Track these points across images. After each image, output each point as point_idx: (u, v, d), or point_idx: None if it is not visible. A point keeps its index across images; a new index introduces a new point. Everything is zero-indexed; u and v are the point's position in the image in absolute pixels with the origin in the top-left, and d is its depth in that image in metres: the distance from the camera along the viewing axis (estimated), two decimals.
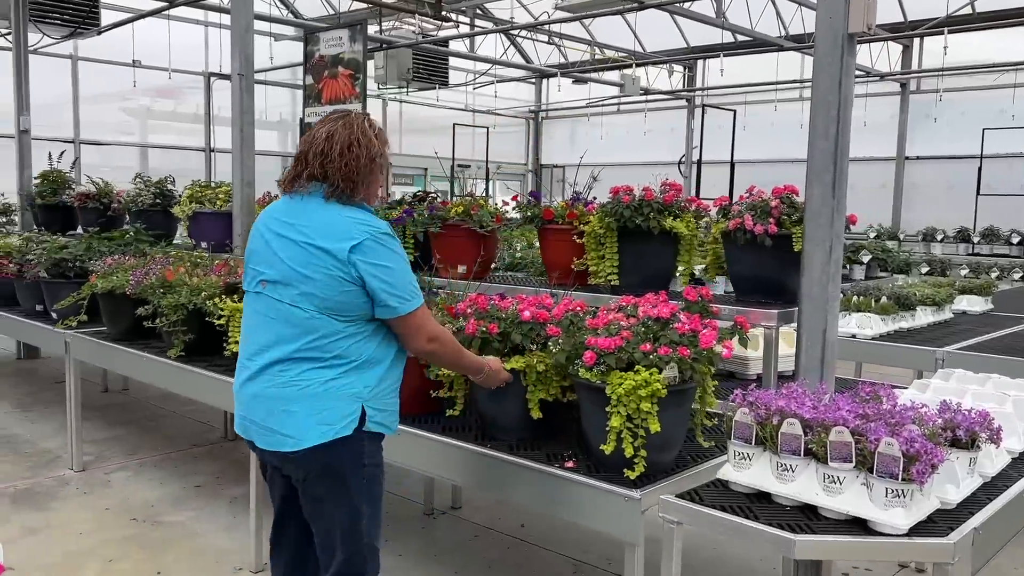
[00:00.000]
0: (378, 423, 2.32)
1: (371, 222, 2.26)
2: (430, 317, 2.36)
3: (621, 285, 3.49)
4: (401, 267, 2.27)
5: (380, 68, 12.59)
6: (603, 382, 2.41)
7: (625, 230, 3.41)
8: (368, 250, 2.21)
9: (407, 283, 2.28)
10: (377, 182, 2.37)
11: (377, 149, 2.31)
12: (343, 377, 2.25)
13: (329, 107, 5.47)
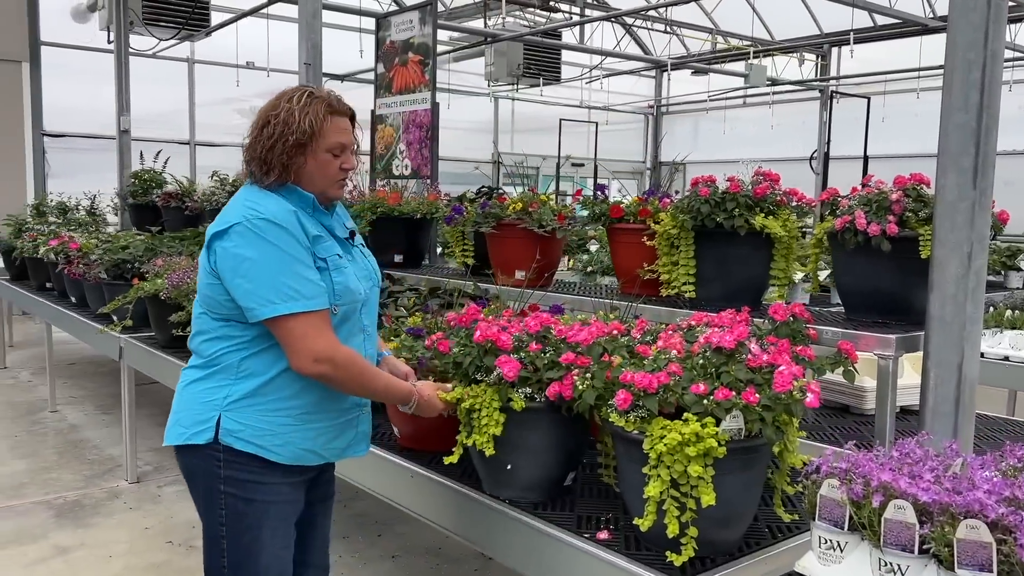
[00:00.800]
0: (245, 440, 1.90)
1: (258, 205, 1.87)
2: (320, 331, 1.85)
3: (699, 298, 2.85)
4: (269, 260, 1.83)
5: (490, 65, 12.23)
6: (640, 432, 1.81)
7: (704, 230, 2.77)
8: (233, 236, 1.85)
9: (274, 281, 1.82)
10: (317, 165, 1.93)
11: (299, 125, 1.88)
12: (205, 381, 1.94)
13: (400, 97, 5.04)
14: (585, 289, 3.45)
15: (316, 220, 1.96)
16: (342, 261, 1.96)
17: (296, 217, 1.87)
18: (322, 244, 1.93)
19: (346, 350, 1.90)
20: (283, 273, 1.83)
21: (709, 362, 1.88)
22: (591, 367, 1.96)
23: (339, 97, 1.99)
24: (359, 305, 2.01)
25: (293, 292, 1.82)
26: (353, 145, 2.00)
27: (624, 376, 1.84)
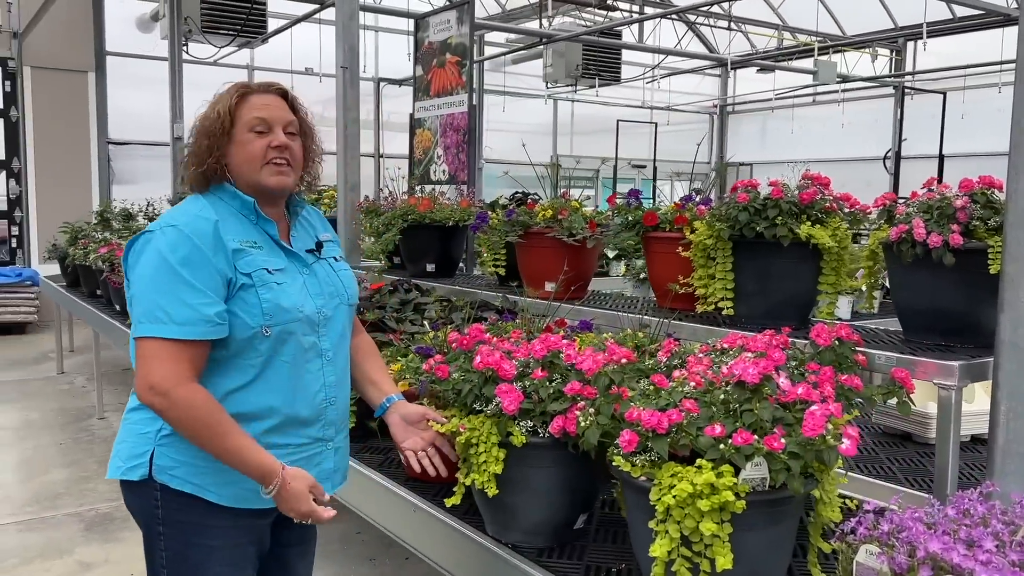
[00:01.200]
0: (180, 479, 1.70)
1: (178, 211, 1.75)
2: (171, 360, 1.62)
3: (737, 315, 2.58)
4: (154, 275, 1.65)
5: (548, 66, 12.01)
6: (648, 479, 1.57)
7: (743, 240, 2.50)
8: (139, 245, 1.72)
9: (151, 299, 1.65)
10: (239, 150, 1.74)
11: (209, 117, 1.75)
12: (141, 410, 1.75)
13: (438, 100, 4.87)
14: (620, 303, 3.20)
15: (259, 228, 1.77)
16: (274, 276, 1.74)
17: (215, 227, 1.69)
18: (247, 257, 1.71)
19: (192, 391, 1.63)
20: (162, 292, 1.64)
21: (731, 397, 1.63)
22: (596, 400, 1.72)
23: (270, 81, 1.83)
24: (305, 326, 1.76)
25: (163, 315, 1.63)
26: (286, 121, 1.78)
27: (630, 413, 1.60)
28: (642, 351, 2.46)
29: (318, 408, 1.80)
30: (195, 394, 1.63)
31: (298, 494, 1.67)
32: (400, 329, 2.81)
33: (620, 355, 1.81)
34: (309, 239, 1.89)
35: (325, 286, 1.85)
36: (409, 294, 3.57)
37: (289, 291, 1.75)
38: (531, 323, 2.85)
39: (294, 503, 1.67)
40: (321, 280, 1.85)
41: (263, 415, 1.72)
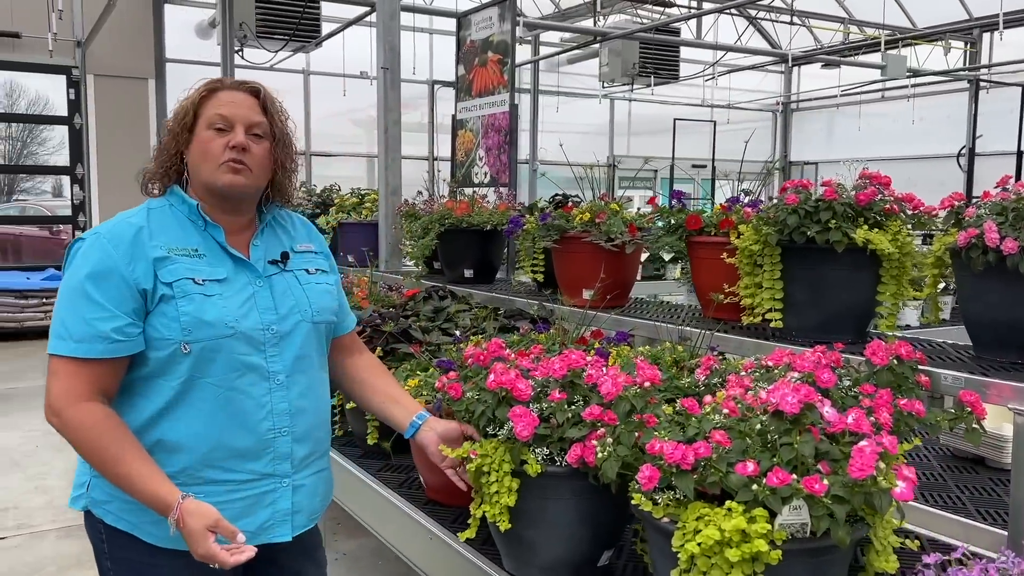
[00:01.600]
0: (114, 515, 1.57)
1: (107, 222, 1.63)
2: (68, 379, 1.51)
3: (787, 327, 2.36)
4: (64, 289, 1.57)
5: (604, 65, 11.80)
6: (672, 520, 1.38)
7: (792, 246, 2.28)
8: (66, 259, 1.62)
9: (57, 314, 1.56)
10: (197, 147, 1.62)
11: (175, 114, 1.64)
12: None
13: (479, 100, 4.72)
14: (661, 312, 3.00)
15: (206, 234, 1.64)
16: (201, 287, 1.57)
17: (136, 233, 1.57)
18: (171, 266, 1.57)
19: (84, 412, 1.50)
20: (67, 307, 1.55)
21: (768, 428, 1.43)
22: (617, 428, 1.54)
23: (240, 80, 1.68)
24: (241, 343, 1.58)
25: (64, 331, 1.53)
26: (252, 122, 1.63)
27: (652, 445, 1.42)
28: (680, 367, 2.27)
29: (263, 439, 1.60)
30: (87, 415, 1.51)
31: (192, 533, 1.45)
32: (424, 340, 2.66)
33: (646, 376, 1.61)
34: (277, 248, 1.73)
35: (282, 300, 1.68)
36: (443, 301, 3.43)
37: (219, 303, 1.58)
38: (564, 334, 2.68)
39: (190, 542, 1.46)
40: (277, 294, 1.68)
41: (189, 444, 1.55)
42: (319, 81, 11.93)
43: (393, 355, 2.63)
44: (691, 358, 2.35)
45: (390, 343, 2.63)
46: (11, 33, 9.68)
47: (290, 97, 11.98)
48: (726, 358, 2.44)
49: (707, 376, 2.03)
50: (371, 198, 5.12)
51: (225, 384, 1.56)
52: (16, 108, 10.65)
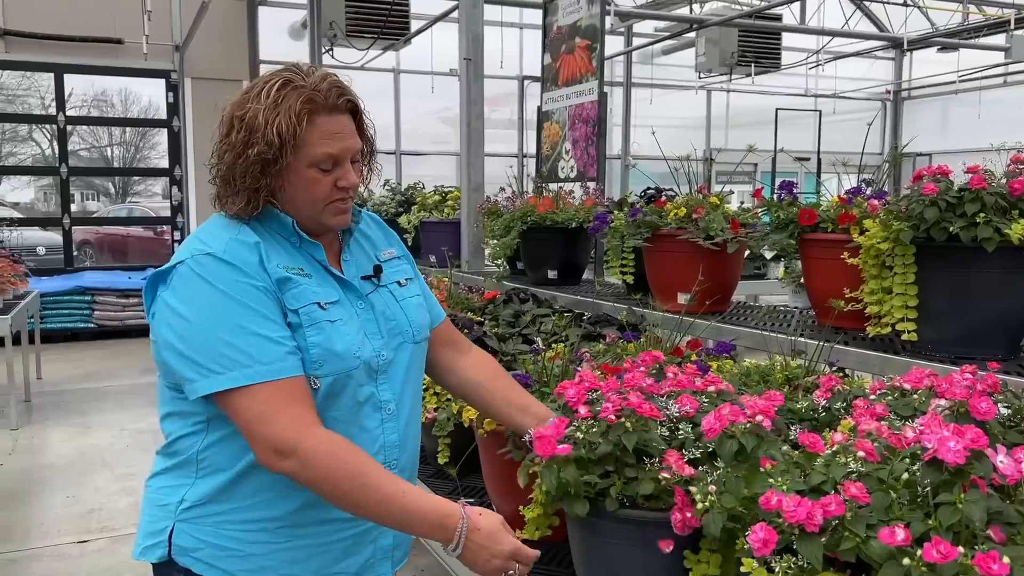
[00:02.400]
0: (206, 564, 1.37)
1: (211, 237, 1.39)
2: (285, 408, 1.28)
3: (922, 340, 2.00)
4: (211, 312, 1.31)
5: (701, 55, 11.36)
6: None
7: (930, 244, 1.93)
8: (173, 281, 1.36)
9: (216, 341, 1.30)
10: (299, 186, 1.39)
11: (264, 134, 1.34)
12: (164, 475, 1.44)
13: (566, 89, 4.44)
14: (770, 319, 2.66)
15: (303, 253, 1.44)
16: (326, 312, 1.39)
17: (258, 251, 1.37)
18: (295, 288, 1.38)
19: (324, 438, 1.30)
20: (229, 329, 1.30)
21: (918, 479, 1.11)
22: (721, 472, 1.24)
23: (335, 83, 1.40)
24: (362, 374, 1.42)
25: (242, 356, 1.29)
26: (355, 151, 1.43)
27: (767, 499, 1.12)
28: (794, 386, 1.95)
29: None
30: (328, 441, 1.30)
31: (493, 533, 1.32)
32: (500, 350, 2.41)
33: (758, 409, 1.30)
34: (366, 261, 1.56)
35: (384, 322, 1.51)
36: (525, 305, 3.17)
37: (344, 331, 1.41)
38: (656, 344, 2.39)
39: (491, 545, 1.31)
40: (379, 315, 1.51)
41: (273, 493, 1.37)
42: (409, 80, 11.86)
43: None
44: (806, 375, 2.03)
45: None
46: (114, 40, 9.95)
47: (380, 97, 12.04)
48: (847, 375, 2.10)
49: (828, 400, 1.70)
50: (454, 196, 4.92)
51: (346, 419, 1.41)
52: (129, 113, 10.97)
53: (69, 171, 9.86)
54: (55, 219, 10.08)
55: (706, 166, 13.66)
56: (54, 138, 10.02)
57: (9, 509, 4.32)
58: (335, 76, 1.41)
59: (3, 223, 7.82)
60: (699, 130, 13.43)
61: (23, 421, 5.93)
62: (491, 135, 12.65)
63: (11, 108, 10.39)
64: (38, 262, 9.67)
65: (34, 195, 12.34)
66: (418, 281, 1.66)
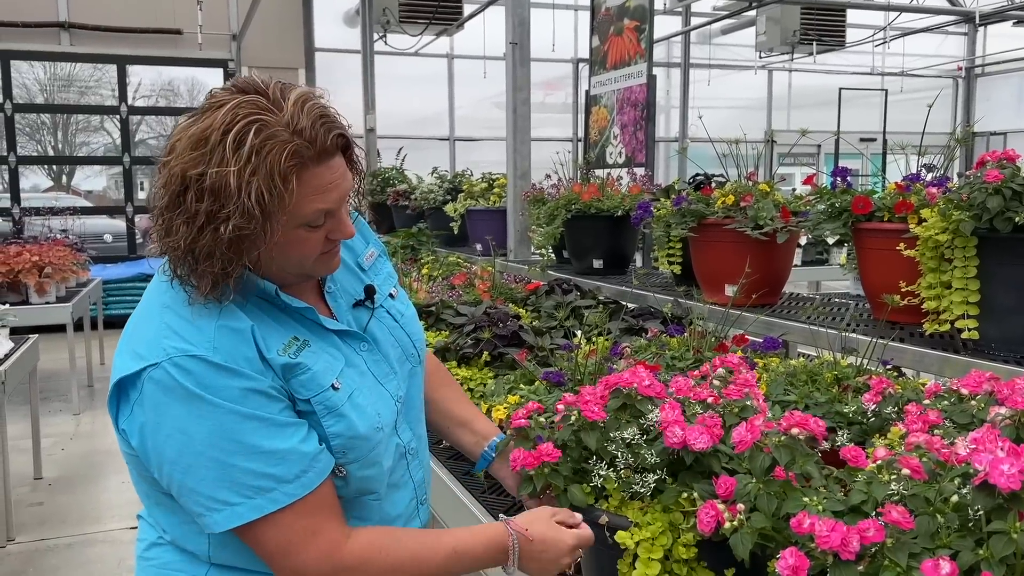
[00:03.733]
0: None
1: (185, 330, 1.11)
2: (314, 532, 1.13)
3: (984, 339, 1.87)
4: (213, 433, 1.08)
5: (761, 34, 11.05)
6: None
7: (993, 236, 1.79)
8: (149, 393, 1.09)
9: (228, 468, 1.09)
10: (284, 248, 1.14)
11: (240, 203, 1.05)
12: (165, 550, 1.23)
13: (615, 72, 4.32)
14: (822, 313, 2.53)
15: (291, 316, 1.21)
16: (339, 393, 1.19)
17: (254, 340, 1.13)
18: (301, 376, 1.16)
19: (358, 551, 1.16)
20: (241, 452, 1.09)
21: (967, 500, 1.01)
22: (747, 488, 1.15)
23: (319, 113, 1.11)
24: (386, 435, 1.26)
25: (263, 480, 1.10)
26: (347, 193, 1.17)
27: (798, 521, 1.02)
28: (843, 387, 1.83)
29: (408, 517, 1.36)
30: (365, 546, 1.17)
31: (546, 539, 1.23)
32: (536, 344, 2.33)
33: (794, 422, 1.19)
34: (351, 279, 1.34)
35: (392, 352, 1.32)
36: (568, 295, 3.09)
37: (361, 403, 1.21)
38: (701, 339, 2.28)
39: (552, 549, 1.23)
40: (384, 348, 1.31)
41: None
42: (463, 65, 11.81)
43: (501, 361, 2.32)
44: (857, 374, 1.90)
45: (497, 347, 2.32)
46: (173, 30, 10.11)
47: (434, 83, 11.99)
48: (902, 374, 1.97)
49: (878, 403, 1.59)
50: (500, 183, 4.84)
51: (385, 491, 1.27)
52: (195, 103, 11.14)
53: (132, 160, 10.08)
54: (119, 207, 10.33)
55: (766, 148, 13.32)
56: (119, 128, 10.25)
57: (67, 493, 4.43)
58: (314, 99, 1.13)
59: (67, 212, 8.01)
60: (759, 111, 13.09)
61: (85, 406, 6.08)
62: (546, 119, 12.61)
63: (84, 100, 10.65)
64: (104, 249, 9.92)
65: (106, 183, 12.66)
66: (395, 273, 1.46)
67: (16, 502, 4.14)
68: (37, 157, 11.39)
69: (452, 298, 3.15)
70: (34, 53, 9.68)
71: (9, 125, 9.47)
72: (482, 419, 1.56)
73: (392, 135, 9.23)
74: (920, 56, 13.06)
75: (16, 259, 5.45)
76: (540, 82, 11.96)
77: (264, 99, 1.09)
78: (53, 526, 4.00)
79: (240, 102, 1.08)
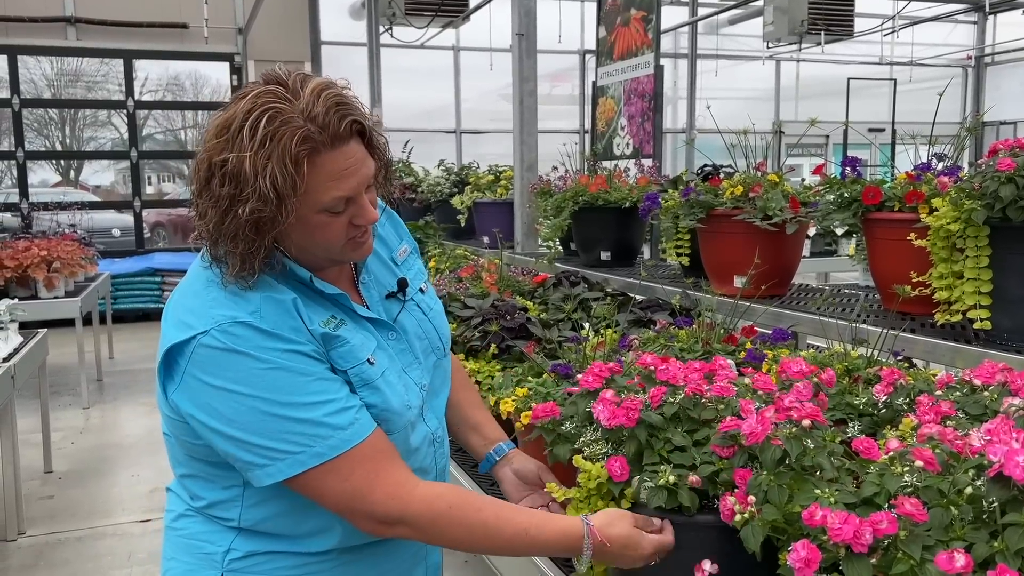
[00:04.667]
0: None
1: (234, 299, 1.16)
2: (378, 474, 1.17)
3: (997, 330, 1.85)
4: (267, 390, 1.13)
5: (769, 24, 10.97)
6: None
7: (1006, 225, 1.77)
8: (199, 357, 1.14)
9: (284, 420, 1.13)
10: (307, 233, 1.19)
11: (256, 187, 1.10)
12: (194, 519, 1.28)
13: (622, 63, 4.30)
14: (831, 304, 2.52)
15: (325, 299, 1.26)
16: (375, 368, 1.24)
17: (297, 310, 1.18)
18: (340, 348, 1.21)
19: (430, 498, 1.20)
20: (291, 404, 1.14)
21: (982, 493, 1.00)
22: (760, 480, 1.14)
23: (335, 100, 1.15)
24: (414, 417, 1.31)
25: (318, 428, 1.14)
26: (369, 180, 1.21)
27: (810, 513, 1.02)
28: (854, 378, 1.81)
29: None
30: (434, 498, 1.20)
31: (631, 541, 1.22)
32: (544, 337, 2.32)
33: (805, 413, 1.19)
34: (384, 271, 1.39)
35: (419, 343, 1.37)
36: (575, 288, 3.08)
37: (394, 383, 1.27)
38: (710, 331, 2.27)
39: (630, 552, 1.22)
40: (413, 339, 1.36)
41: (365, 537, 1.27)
42: (469, 57, 11.77)
43: (509, 353, 2.32)
44: (868, 365, 1.89)
45: (505, 339, 2.32)
46: (179, 24, 10.11)
47: (440, 75, 11.97)
48: (913, 365, 1.96)
49: (889, 395, 1.57)
50: (507, 175, 4.83)
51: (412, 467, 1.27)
52: (200, 97, 11.15)
53: (139, 155, 10.09)
54: (127, 202, 10.35)
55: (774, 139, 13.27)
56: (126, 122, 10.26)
57: (78, 487, 4.45)
58: (332, 88, 1.17)
59: (75, 207, 8.03)
60: (767, 102, 13.03)
61: (94, 400, 6.10)
62: (552, 111, 12.58)
63: (91, 95, 10.65)
64: (112, 244, 9.94)
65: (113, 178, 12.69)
66: (424, 270, 1.51)
67: (27, 496, 4.16)
68: (45, 152, 11.38)
69: (459, 291, 3.15)
70: (41, 48, 9.69)
71: (17, 120, 9.49)
72: (492, 425, 1.60)
73: (398, 128, 9.23)
74: (929, 45, 12.98)
75: (25, 254, 5.47)
76: (546, 74, 11.92)
77: (284, 89, 1.14)
78: (63, 519, 4.02)
79: (260, 92, 1.14)
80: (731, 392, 1.37)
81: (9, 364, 3.66)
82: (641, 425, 1.30)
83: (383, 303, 1.36)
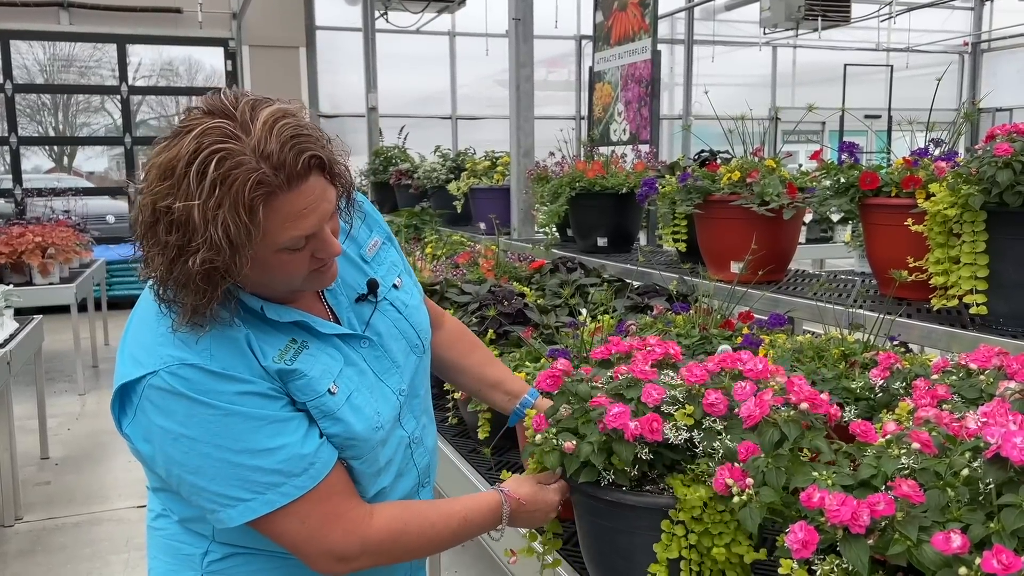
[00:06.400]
0: None
1: (182, 339, 1.10)
2: (333, 515, 1.15)
3: (992, 315, 1.86)
4: (219, 433, 1.09)
5: (766, 9, 10.95)
6: None
7: (1002, 210, 1.78)
8: (149, 401, 1.09)
9: (235, 466, 1.10)
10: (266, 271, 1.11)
11: (207, 238, 1.00)
12: (171, 518, 1.27)
13: (618, 48, 4.28)
14: (828, 290, 2.52)
15: (281, 326, 1.18)
16: (337, 396, 1.18)
17: (249, 347, 1.13)
18: (298, 381, 1.15)
19: (383, 525, 1.20)
20: (246, 451, 1.09)
21: (979, 475, 1.00)
22: (758, 462, 1.15)
23: (290, 133, 1.04)
24: (387, 430, 1.27)
25: (271, 476, 1.11)
26: (330, 212, 1.12)
27: (808, 495, 1.02)
28: (851, 363, 1.82)
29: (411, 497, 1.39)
30: (386, 521, 1.20)
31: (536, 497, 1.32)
32: (541, 323, 2.32)
33: (804, 396, 1.19)
34: (353, 272, 1.31)
35: (395, 346, 1.31)
36: (572, 274, 3.08)
37: (359, 404, 1.21)
38: (706, 316, 2.27)
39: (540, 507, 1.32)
40: (387, 341, 1.30)
41: None
42: (464, 43, 11.72)
43: (506, 339, 2.32)
44: (865, 350, 1.90)
45: (503, 325, 2.32)
46: (173, 9, 10.04)
47: (436, 61, 11.90)
48: (909, 350, 1.97)
49: (886, 379, 1.58)
50: (504, 161, 4.82)
51: (389, 484, 1.29)
52: (194, 83, 11.09)
53: (133, 141, 10.04)
54: (121, 188, 10.31)
55: (770, 126, 13.25)
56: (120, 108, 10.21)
57: (74, 473, 4.46)
58: (286, 117, 1.05)
59: (69, 193, 8.00)
60: (764, 88, 13.00)
61: (90, 386, 6.10)
62: (548, 97, 12.53)
63: (84, 80, 10.59)
64: (107, 230, 9.90)
65: (107, 164, 12.64)
66: (400, 259, 1.42)
67: (23, 481, 4.16)
68: (38, 138, 11.32)
69: (456, 277, 3.15)
70: (34, 33, 9.62)
71: (10, 106, 9.44)
72: (511, 378, 1.60)
73: (394, 114, 9.20)
74: (926, 31, 12.96)
75: (19, 240, 5.45)
76: (543, 59, 11.89)
77: (231, 123, 1.03)
78: (60, 505, 4.03)
79: (206, 128, 1.02)
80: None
81: (5, 350, 3.65)
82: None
83: (353, 308, 1.28)
